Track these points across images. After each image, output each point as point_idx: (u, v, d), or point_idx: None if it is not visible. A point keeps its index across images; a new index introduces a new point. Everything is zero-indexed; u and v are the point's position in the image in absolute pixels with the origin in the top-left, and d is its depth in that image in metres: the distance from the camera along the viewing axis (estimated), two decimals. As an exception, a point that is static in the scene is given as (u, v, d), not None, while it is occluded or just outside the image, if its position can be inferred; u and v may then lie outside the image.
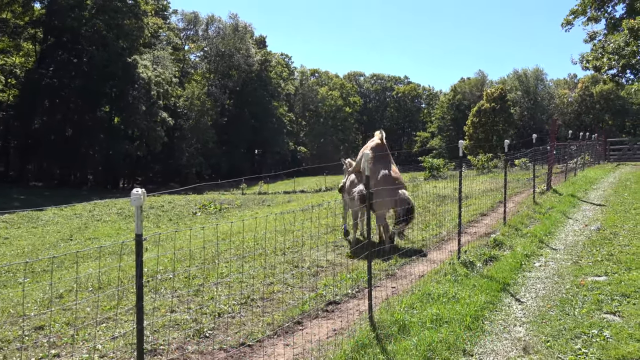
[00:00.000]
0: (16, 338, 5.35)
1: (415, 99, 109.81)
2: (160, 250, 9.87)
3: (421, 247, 9.33)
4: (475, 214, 12.61)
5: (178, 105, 61.66)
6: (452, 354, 4.94)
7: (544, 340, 5.26)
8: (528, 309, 6.18)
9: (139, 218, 3.48)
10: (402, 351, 4.91)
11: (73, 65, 50.16)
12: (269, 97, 73.51)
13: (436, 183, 19.90)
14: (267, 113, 71.75)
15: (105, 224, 19.78)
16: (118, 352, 4.97)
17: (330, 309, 6.31)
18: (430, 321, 5.54)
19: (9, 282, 10.46)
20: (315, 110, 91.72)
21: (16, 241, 16.94)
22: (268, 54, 77.91)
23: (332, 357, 4.80)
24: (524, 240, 9.54)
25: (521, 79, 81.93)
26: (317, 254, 8.67)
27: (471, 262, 7.86)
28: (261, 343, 5.32)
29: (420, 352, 4.86)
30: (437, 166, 27.08)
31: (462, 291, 6.54)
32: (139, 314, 3.59)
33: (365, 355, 4.83)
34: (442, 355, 4.87)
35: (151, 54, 58.66)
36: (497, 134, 59.29)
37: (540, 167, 19.34)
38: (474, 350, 5.09)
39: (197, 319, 5.82)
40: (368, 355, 4.83)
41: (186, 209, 21.81)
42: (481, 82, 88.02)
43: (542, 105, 79.61)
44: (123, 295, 6.63)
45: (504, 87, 69.01)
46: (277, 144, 72.77)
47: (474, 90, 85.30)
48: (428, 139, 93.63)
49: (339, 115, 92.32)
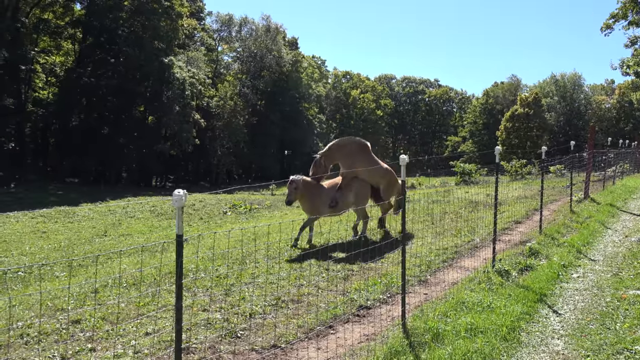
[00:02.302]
0: (54, 331, 5.47)
1: (447, 103, 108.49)
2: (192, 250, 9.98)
3: (454, 253, 9.17)
4: (509, 221, 12.34)
5: (210, 106, 62.33)
6: (488, 365, 4.83)
7: (584, 355, 5.09)
8: (566, 322, 6.00)
9: (179, 219, 3.49)
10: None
11: (110, 65, 51.32)
12: (300, 98, 73.70)
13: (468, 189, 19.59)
14: (297, 114, 71.91)
15: (138, 221, 20.18)
16: (152, 349, 5.02)
17: (361, 314, 6.24)
18: (465, 330, 5.42)
19: (46, 276, 10.75)
20: (346, 112, 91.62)
21: (53, 235, 17.43)
22: (299, 55, 78.13)
23: (365, 363, 4.75)
24: (561, 250, 9.27)
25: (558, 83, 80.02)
26: (348, 257, 8.61)
27: (506, 271, 7.68)
28: (292, 345, 5.29)
29: (455, 362, 4.76)
30: (469, 171, 26.69)
31: (497, 300, 6.38)
32: (177, 313, 3.61)
33: (398, 363, 4.76)
34: (477, 365, 4.76)
35: (185, 55, 59.55)
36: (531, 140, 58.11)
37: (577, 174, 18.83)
38: (510, 362, 4.97)
39: (228, 319, 5.84)
40: (401, 363, 4.76)
41: (217, 208, 22.06)
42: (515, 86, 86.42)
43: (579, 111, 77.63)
44: (157, 293, 6.71)
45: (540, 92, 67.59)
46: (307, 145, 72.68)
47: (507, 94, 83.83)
48: (459, 143, 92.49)
49: (370, 117, 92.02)
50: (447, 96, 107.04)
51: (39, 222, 20.11)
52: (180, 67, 53.21)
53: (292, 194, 9.67)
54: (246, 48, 72.38)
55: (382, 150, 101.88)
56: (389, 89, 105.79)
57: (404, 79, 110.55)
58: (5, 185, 42.13)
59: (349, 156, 10.57)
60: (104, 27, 49.49)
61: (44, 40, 51.88)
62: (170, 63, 51.08)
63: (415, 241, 10.07)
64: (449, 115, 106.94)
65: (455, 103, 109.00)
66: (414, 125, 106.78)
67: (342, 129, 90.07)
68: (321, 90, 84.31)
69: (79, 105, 52.18)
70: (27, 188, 40.49)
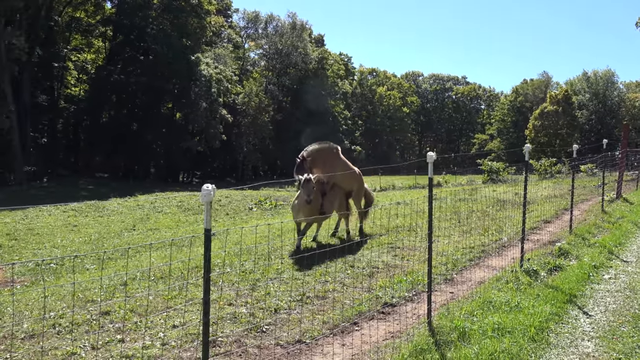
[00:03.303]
0: (85, 322, 5.60)
1: (475, 100, 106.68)
2: (218, 245, 10.09)
3: (481, 252, 9.05)
4: (538, 220, 12.11)
5: (237, 102, 62.66)
6: (515, 365, 4.75)
7: (615, 358, 4.98)
8: (597, 323, 5.87)
9: (208, 213, 3.52)
10: (463, 359, 4.76)
11: (139, 62, 52.06)
12: (326, 95, 73.54)
13: (495, 187, 19.31)
14: (323, 111, 71.76)
15: (166, 215, 20.47)
16: (179, 341, 5.10)
17: (386, 311, 6.22)
18: (492, 330, 5.35)
19: (77, 268, 11.01)
20: (372, 109, 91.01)
21: (84, 229, 17.83)
22: (325, 52, 77.94)
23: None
24: (592, 251, 9.06)
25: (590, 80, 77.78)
26: (372, 255, 8.58)
27: (535, 271, 7.55)
28: (317, 341, 5.31)
29: (482, 362, 4.70)
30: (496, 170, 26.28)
31: (525, 300, 6.28)
32: (205, 307, 3.65)
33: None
34: (504, 366, 4.69)
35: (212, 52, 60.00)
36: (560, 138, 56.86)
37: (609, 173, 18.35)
38: (538, 363, 4.88)
39: (254, 314, 5.89)
40: (426, 361, 4.73)
41: (242, 204, 22.22)
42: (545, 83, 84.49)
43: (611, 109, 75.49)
44: (184, 286, 6.81)
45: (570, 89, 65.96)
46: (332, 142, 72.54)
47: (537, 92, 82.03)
48: (486, 141, 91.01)
49: (396, 115, 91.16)
50: (474, 93, 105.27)
51: (70, 215, 20.60)
52: (207, 64, 53.63)
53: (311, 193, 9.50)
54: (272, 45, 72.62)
55: (408, 148, 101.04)
56: (415, 86, 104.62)
57: (432, 76, 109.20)
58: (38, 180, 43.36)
59: (328, 160, 10.41)
60: (134, 25, 50.32)
61: (75, 38, 53.03)
62: (197, 60, 51.55)
63: (442, 239, 9.97)
64: (476, 112, 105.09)
65: (483, 100, 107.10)
66: (440, 122, 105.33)
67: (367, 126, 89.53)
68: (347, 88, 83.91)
69: (109, 102, 53.21)
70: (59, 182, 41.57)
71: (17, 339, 5.14)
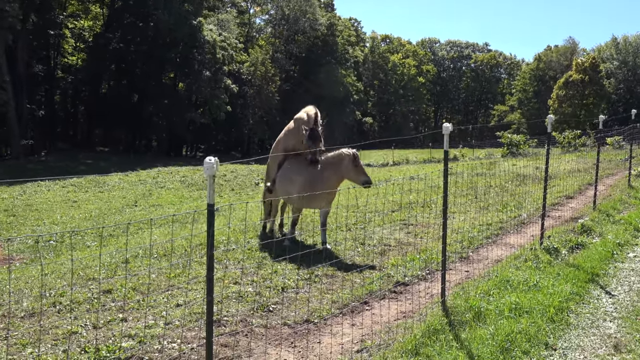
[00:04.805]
0: (86, 300, 5.51)
1: (495, 69, 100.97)
2: (223, 221, 9.89)
3: (499, 229, 8.74)
4: (560, 196, 11.72)
5: (242, 72, 59.73)
6: (533, 346, 4.55)
7: (639, 339, 4.70)
8: (620, 304, 5.62)
9: (211, 187, 3.35)
10: (478, 340, 4.57)
11: (139, 29, 49.75)
12: (336, 64, 70.62)
13: (515, 161, 18.81)
14: (333, 81, 68.94)
15: (169, 191, 20.26)
16: (183, 320, 4.97)
17: (398, 290, 6.01)
18: (509, 310, 5.15)
19: (77, 245, 10.96)
20: (385, 79, 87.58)
21: (84, 205, 17.67)
22: (335, 17, 74.87)
23: (402, 341, 4.55)
24: (617, 228, 8.72)
25: (619, 47, 74.42)
26: (384, 232, 8.33)
27: (555, 249, 7.25)
28: (326, 321, 5.15)
29: (498, 342, 4.51)
30: (516, 143, 25.64)
31: (545, 280, 6.04)
32: (209, 284, 3.51)
33: (437, 342, 4.55)
34: (521, 347, 4.50)
35: (215, 18, 57.12)
36: (586, 109, 55.19)
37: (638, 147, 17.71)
38: (557, 344, 4.68)
39: (260, 292, 5.74)
40: (440, 342, 4.55)
41: (248, 179, 21.98)
42: (571, 50, 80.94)
43: (642, 77, 72.39)
44: (187, 264, 6.67)
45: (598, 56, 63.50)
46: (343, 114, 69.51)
47: (562, 59, 78.89)
48: (507, 112, 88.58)
49: (410, 84, 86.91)
50: (494, 61, 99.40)
51: (69, 191, 20.45)
52: (210, 30, 51.24)
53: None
54: (279, 10, 69.40)
55: (422, 120, 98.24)
56: (431, 54, 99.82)
57: (449, 42, 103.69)
58: (36, 154, 42.70)
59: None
60: (133, -11, 48.05)
61: (72, 4, 50.64)
62: (199, 25, 49.13)
63: (457, 216, 9.68)
64: (496, 82, 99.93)
65: (503, 69, 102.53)
66: (457, 92, 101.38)
67: (380, 97, 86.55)
68: (358, 55, 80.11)
69: (108, 72, 51.50)
70: (57, 157, 41.01)
71: (17, 318, 5.07)
